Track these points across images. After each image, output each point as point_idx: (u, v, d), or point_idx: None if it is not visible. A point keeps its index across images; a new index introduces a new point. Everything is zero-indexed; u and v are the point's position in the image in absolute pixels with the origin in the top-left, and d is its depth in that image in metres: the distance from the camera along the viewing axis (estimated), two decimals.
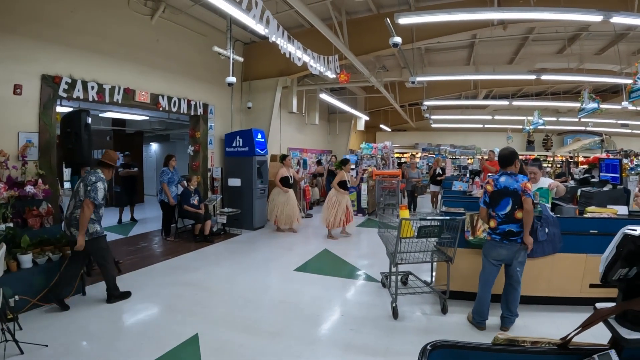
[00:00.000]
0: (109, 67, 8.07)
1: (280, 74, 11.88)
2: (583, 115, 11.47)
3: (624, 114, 17.53)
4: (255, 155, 10.81)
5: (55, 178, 7.06)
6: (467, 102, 18.11)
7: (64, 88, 7.10)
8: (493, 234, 4.64)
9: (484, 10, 6.67)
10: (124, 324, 5.01)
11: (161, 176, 9.33)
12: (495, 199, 4.61)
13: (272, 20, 6.24)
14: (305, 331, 4.83)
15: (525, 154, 24.25)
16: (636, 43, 11.18)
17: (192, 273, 7.03)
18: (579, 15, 6.24)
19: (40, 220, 5.94)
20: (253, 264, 7.75)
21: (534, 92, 17.33)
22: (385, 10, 9.91)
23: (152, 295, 5.96)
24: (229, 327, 4.87)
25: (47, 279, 5.39)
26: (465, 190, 10.08)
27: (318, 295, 6.10)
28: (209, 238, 9.37)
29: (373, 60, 12.68)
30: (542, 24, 9.64)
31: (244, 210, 10.70)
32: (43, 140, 6.77)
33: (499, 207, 4.58)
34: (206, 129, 10.88)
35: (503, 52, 13.33)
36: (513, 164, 4.71)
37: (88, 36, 7.64)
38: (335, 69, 8.92)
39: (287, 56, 7.34)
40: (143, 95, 8.74)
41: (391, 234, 5.82)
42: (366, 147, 16.30)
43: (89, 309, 5.36)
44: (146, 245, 8.97)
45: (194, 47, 10.33)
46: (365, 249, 9.13)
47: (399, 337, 4.71)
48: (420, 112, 20.04)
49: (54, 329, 4.69)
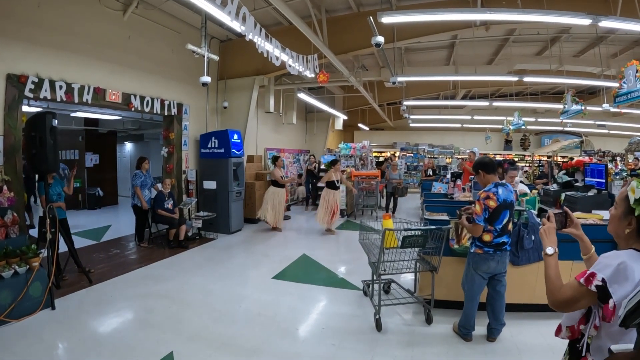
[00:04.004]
0: (78, 66, 7.72)
1: (257, 73, 11.63)
2: (566, 117, 11.47)
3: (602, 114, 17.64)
4: (232, 157, 10.55)
5: (22, 185, 6.72)
6: (448, 103, 18.12)
7: (30, 88, 6.75)
8: (485, 247, 4.43)
9: (471, 10, 6.55)
10: (94, 342, 4.68)
11: (133, 179, 8.99)
12: (496, 214, 4.35)
13: (248, 17, 6.00)
14: (284, 347, 4.61)
15: (503, 154, 24.41)
16: (615, 46, 11.23)
17: (166, 283, 6.75)
18: (567, 18, 6.15)
19: (5, 231, 5.63)
20: (229, 272, 7.50)
21: (513, 92, 17.39)
22: (366, 9, 9.75)
23: (123, 309, 5.67)
24: (205, 344, 4.62)
25: (14, 294, 5.09)
26: (446, 192, 10.00)
27: (297, 306, 5.88)
28: (184, 243, 9.08)
29: (352, 59, 12.52)
30: (524, 25, 9.59)
31: (220, 214, 10.44)
32: (8, 144, 6.43)
33: (499, 222, 4.37)
34: (180, 129, 10.57)
35: (483, 53, 13.30)
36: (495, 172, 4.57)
37: (56, 33, 7.30)
38: (314, 69, 8.72)
39: (265, 55, 7.10)
40: (114, 94, 8.40)
41: (372, 241, 5.65)
42: (344, 147, 16.14)
43: (57, 325, 5.05)
44: (119, 252, 8.62)
45: (167, 44, 10.01)
46: (345, 254, 8.93)
47: (382, 351, 4.52)
48: (398, 111, 19.99)
49: (21, 349, 4.40)
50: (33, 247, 5.60)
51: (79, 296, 6.03)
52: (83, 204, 14.31)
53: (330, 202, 10.80)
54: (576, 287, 1.90)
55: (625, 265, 1.75)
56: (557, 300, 1.99)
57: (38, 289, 5.38)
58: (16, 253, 5.44)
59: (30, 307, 5.26)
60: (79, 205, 14.08)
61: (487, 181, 4.51)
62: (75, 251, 6.92)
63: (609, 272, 1.78)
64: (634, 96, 6.38)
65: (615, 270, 1.77)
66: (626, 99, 6.53)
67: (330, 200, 10.83)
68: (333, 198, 10.86)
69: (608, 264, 1.82)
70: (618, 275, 1.76)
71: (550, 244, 2.23)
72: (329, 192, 10.94)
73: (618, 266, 1.77)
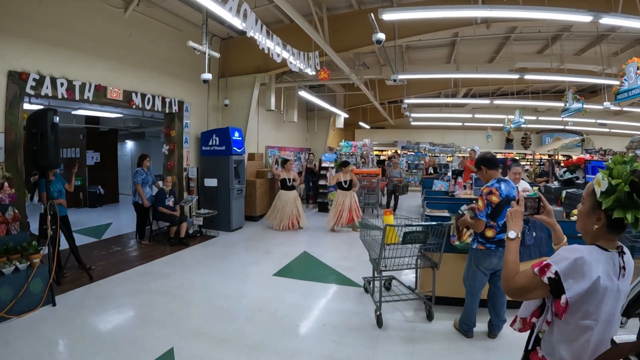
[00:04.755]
0: (80, 63, 7.72)
1: (258, 71, 11.61)
2: (567, 115, 11.45)
3: (603, 113, 17.66)
4: (232, 155, 10.55)
5: (23, 181, 6.71)
6: (449, 101, 18.06)
7: (32, 85, 6.75)
8: (488, 243, 4.42)
9: (472, 7, 6.51)
10: (95, 338, 4.67)
11: (135, 177, 8.98)
12: (499, 210, 4.33)
13: (249, 14, 5.99)
14: (285, 343, 4.60)
15: (504, 152, 24.39)
16: (617, 44, 11.18)
17: (166, 280, 6.74)
18: (568, 15, 6.13)
19: (6, 227, 5.62)
20: (229, 269, 7.49)
21: (514, 90, 17.37)
22: (367, 7, 9.73)
23: (124, 306, 5.66)
24: (205, 340, 4.62)
25: (15, 290, 5.09)
26: (447, 190, 10.01)
27: (298, 302, 5.87)
28: (185, 241, 9.09)
29: (353, 57, 12.50)
30: (525, 23, 9.55)
31: (221, 212, 10.43)
32: (9, 140, 6.43)
33: (501, 217, 4.34)
34: (181, 127, 10.57)
35: (484, 51, 13.29)
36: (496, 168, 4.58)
37: (57, 30, 7.29)
38: (315, 66, 8.70)
39: (266, 52, 7.09)
40: (115, 92, 8.39)
41: (374, 238, 5.63)
42: (345, 145, 16.12)
43: (58, 321, 5.05)
44: (120, 249, 8.63)
45: (168, 42, 10.00)
46: (346, 251, 8.92)
47: (383, 347, 4.51)
48: (399, 109, 19.98)
49: (22, 345, 4.40)
50: (34, 244, 5.59)
51: (80, 293, 6.03)
52: (84, 202, 14.33)
53: (338, 204, 10.85)
54: (531, 276, 1.84)
55: (583, 260, 1.70)
56: (511, 286, 1.93)
57: (39, 285, 5.38)
58: (17, 249, 5.43)
59: (30, 303, 5.26)
60: (80, 203, 14.09)
61: (489, 177, 4.51)
62: (76, 248, 6.93)
63: (564, 266, 1.73)
64: (634, 93, 6.37)
65: (572, 265, 1.72)
66: (627, 96, 6.53)
67: (339, 201, 10.87)
68: (342, 199, 10.85)
69: (565, 257, 1.76)
70: (574, 271, 1.71)
71: (514, 228, 2.13)
72: (338, 193, 10.97)
73: (575, 261, 1.71)
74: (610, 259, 1.76)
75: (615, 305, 1.73)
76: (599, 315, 1.71)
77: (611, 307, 1.72)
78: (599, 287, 1.68)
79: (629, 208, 1.67)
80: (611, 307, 1.72)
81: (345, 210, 10.74)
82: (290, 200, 11.25)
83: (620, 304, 1.72)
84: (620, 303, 1.72)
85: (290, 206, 11.19)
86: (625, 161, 1.73)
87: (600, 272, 1.69)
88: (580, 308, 1.72)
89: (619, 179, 1.69)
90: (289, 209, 11.14)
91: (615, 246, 1.81)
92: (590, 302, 1.70)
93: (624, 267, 1.78)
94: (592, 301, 1.70)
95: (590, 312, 1.71)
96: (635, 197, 1.65)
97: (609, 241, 1.81)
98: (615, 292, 1.73)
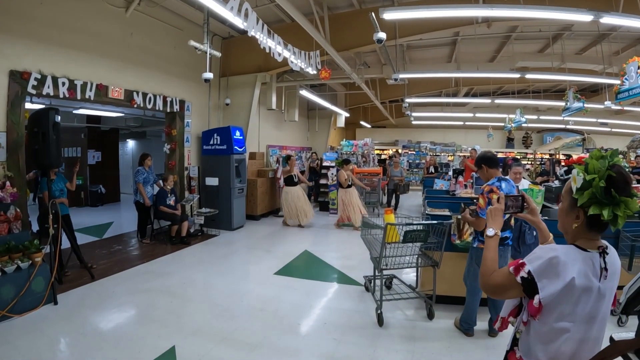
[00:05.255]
0: (81, 62, 7.73)
1: (259, 70, 11.62)
2: (568, 114, 11.45)
3: (604, 112, 17.65)
4: (234, 154, 10.56)
5: (24, 180, 6.73)
6: (450, 100, 18.05)
7: (33, 84, 6.75)
8: None
9: (473, 7, 6.51)
10: (97, 336, 4.69)
11: (136, 176, 8.99)
12: None
13: (251, 13, 6.00)
14: (285, 342, 4.62)
15: (505, 151, 24.39)
16: (618, 43, 11.17)
17: (168, 278, 6.75)
18: (569, 14, 6.14)
19: (8, 226, 5.62)
20: (230, 268, 7.52)
21: (515, 90, 17.37)
22: (368, 6, 9.74)
23: (125, 304, 5.68)
24: (206, 339, 4.63)
25: (16, 289, 5.10)
26: (448, 189, 10.01)
27: (298, 301, 5.89)
28: (186, 240, 9.10)
29: (354, 56, 12.51)
30: (526, 22, 9.54)
31: (222, 211, 10.44)
32: (11, 139, 6.44)
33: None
34: (183, 126, 10.58)
35: (485, 50, 13.27)
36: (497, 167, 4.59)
37: (59, 30, 7.30)
38: (316, 65, 8.71)
39: (267, 51, 7.10)
40: (117, 91, 8.40)
41: (374, 237, 5.65)
42: (346, 145, 16.13)
43: (59, 320, 5.07)
44: (121, 248, 8.64)
45: (170, 41, 10.01)
46: (347, 250, 8.92)
47: (384, 345, 4.53)
48: (400, 108, 19.96)
49: (23, 343, 4.41)
50: (36, 243, 5.60)
51: (81, 291, 6.05)
52: (85, 201, 14.33)
53: (344, 201, 10.99)
54: (506, 274, 1.80)
55: (557, 260, 1.66)
56: (487, 284, 1.91)
57: (40, 284, 5.40)
58: (19, 248, 5.43)
59: (32, 302, 5.28)
60: (81, 203, 14.09)
61: (490, 175, 4.52)
62: (78, 247, 6.93)
63: (537, 265, 1.68)
64: (635, 92, 6.38)
65: (546, 264, 1.67)
66: (628, 95, 6.53)
67: (343, 199, 11.00)
68: (344, 197, 10.98)
69: (540, 256, 1.71)
70: (549, 271, 1.66)
71: (492, 226, 2.13)
72: (340, 191, 11.06)
73: (550, 260, 1.67)
74: (590, 259, 1.70)
75: (597, 307, 1.69)
76: (575, 317, 1.67)
77: (591, 308, 1.68)
78: (574, 288, 1.64)
79: (607, 204, 1.63)
80: (591, 308, 1.68)
81: (354, 206, 10.90)
82: (300, 195, 11.45)
83: (603, 305, 1.69)
84: (604, 304, 1.69)
85: (302, 200, 11.42)
86: (603, 156, 1.69)
87: (576, 272, 1.64)
88: (555, 309, 1.67)
89: (594, 174, 1.66)
90: (301, 203, 11.34)
91: (596, 246, 1.74)
92: (565, 303, 1.66)
93: (606, 269, 1.70)
94: (567, 302, 1.66)
95: (566, 314, 1.68)
96: (613, 193, 1.61)
97: (589, 241, 1.75)
98: (596, 294, 1.68)
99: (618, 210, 1.62)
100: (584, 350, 1.69)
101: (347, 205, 10.91)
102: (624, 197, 1.62)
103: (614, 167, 1.65)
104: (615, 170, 1.64)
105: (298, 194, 11.43)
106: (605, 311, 1.72)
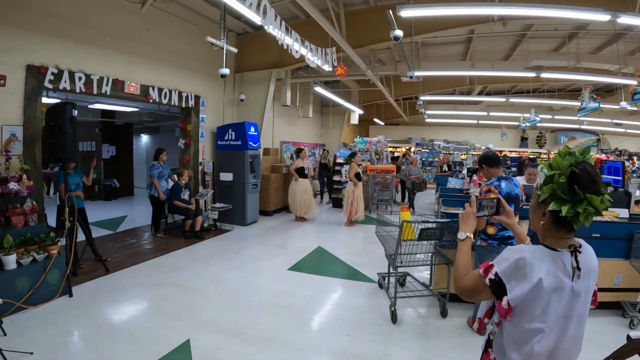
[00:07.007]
0: (97, 57, 7.78)
1: (274, 66, 11.64)
2: (583, 114, 11.34)
3: (618, 113, 17.48)
4: (248, 149, 10.58)
5: (41, 174, 6.80)
6: (464, 98, 17.99)
7: (50, 79, 6.81)
8: (490, 239, 4.44)
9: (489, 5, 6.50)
10: (111, 329, 4.74)
11: (151, 170, 9.06)
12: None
13: (269, 10, 6.01)
14: (298, 337, 4.63)
15: (519, 151, 24.24)
16: (634, 43, 11.07)
17: (181, 272, 6.80)
18: (585, 14, 6.09)
19: (24, 219, 5.67)
20: (244, 263, 7.55)
21: (530, 89, 17.24)
22: (383, 3, 9.70)
23: (139, 297, 5.74)
24: (220, 333, 4.66)
25: (32, 281, 5.16)
26: (461, 187, 9.98)
27: (312, 297, 5.90)
28: (200, 234, 9.14)
29: (368, 53, 12.49)
30: (541, 21, 9.47)
31: (236, 206, 10.49)
32: (27, 133, 6.51)
33: None
34: (197, 121, 10.62)
35: (499, 48, 13.18)
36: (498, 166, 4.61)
37: (75, 25, 7.34)
38: (332, 62, 8.71)
39: (285, 48, 7.11)
40: (133, 86, 8.45)
41: (389, 234, 5.65)
42: (360, 142, 16.12)
43: (74, 312, 5.12)
44: (135, 242, 8.71)
45: (185, 37, 10.04)
46: (360, 247, 8.94)
47: (397, 342, 4.53)
48: (414, 106, 19.93)
49: (38, 335, 4.46)
50: (51, 235, 5.65)
51: (96, 284, 6.11)
52: (99, 195, 14.45)
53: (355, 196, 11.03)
54: (477, 277, 1.78)
55: (524, 262, 1.63)
56: (460, 287, 1.87)
57: (56, 276, 5.46)
58: (35, 241, 5.50)
59: (47, 294, 5.34)
60: (95, 197, 14.21)
61: (490, 175, 4.54)
62: (93, 240, 7.01)
63: (504, 267, 1.67)
64: None
65: (512, 266, 1.65)
66: None
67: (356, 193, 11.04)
68: (357, 191, 11.04)
69: (506, 257, 1.69)
70: (516, 272, 1.64)
71: (464, 229, 2.09)
72: (351, 186, 11.07)
73: (516, 262, 1.65)
74: (559, 259, 1.66)
75: (572, 305, 1.66)
76: (547, 317, 1.64)
77: (565, 307, 1.66)
78: (542, 289, 1.61)
79: (568, 201, 1.61)
80: (565, 307, 1.66)
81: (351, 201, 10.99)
82: (308, 188, 11.60)
83: (578, 304, 1.67)
84: (579, 303, 1.67)
85: (308, 195, 11.56)
86: (570, 153, 1.66)
87: (543, 273, 1.61)
88: (526, 310, 1.66)
89: (556, 170, 1.64)
90: (306, 197, 11.48)
91: (566, 245, 1.69)
92: (535, 304, 1.64)
93: (579, 268, 1.65)
94: (537, 304, 1.64)
95: (537, 315, 1.65)
96: (577, 190, 1.59)
97: (559, 240, 1.71)
98: (569, 293, 1.65)
99: (579, 207, 1.58)
100: (561, 350, 1.67)
101: (356, 200, 10.95)
102: (589, 195, 1.58)
103: (579, 164, 1.62)
104: (580, 167, 1.61)
105: (306, 186, 11.59)
106: (582, 310, 1.69)
